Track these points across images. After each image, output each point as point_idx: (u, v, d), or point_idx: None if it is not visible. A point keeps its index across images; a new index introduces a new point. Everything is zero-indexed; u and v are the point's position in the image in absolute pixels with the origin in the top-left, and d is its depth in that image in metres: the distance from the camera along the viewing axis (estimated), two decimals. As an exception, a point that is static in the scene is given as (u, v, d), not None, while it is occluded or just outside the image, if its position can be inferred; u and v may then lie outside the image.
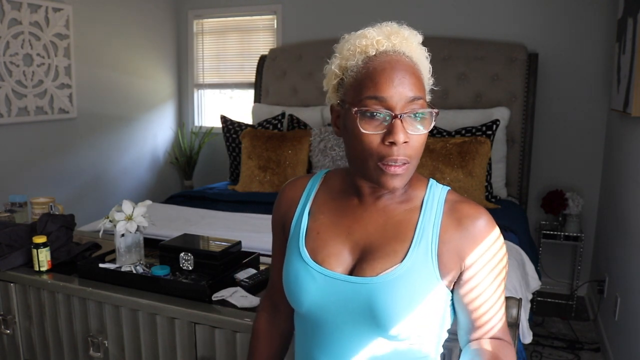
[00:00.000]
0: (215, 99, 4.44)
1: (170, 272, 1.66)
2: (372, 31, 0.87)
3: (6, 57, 2.95)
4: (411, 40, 0.88)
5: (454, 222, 0.89)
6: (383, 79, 0.83)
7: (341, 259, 0.91)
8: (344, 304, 0.88)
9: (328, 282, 0.90)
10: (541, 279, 2.58)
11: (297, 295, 0.92)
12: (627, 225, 2.49)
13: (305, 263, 0.92)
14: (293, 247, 0.96)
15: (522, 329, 1.90)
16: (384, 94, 0.82)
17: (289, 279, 0.94)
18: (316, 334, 0.93)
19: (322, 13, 3.86)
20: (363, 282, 0.87)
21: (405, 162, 0.84)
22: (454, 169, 2.85)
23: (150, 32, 4.07)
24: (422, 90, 0.86)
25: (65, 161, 3.41)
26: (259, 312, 1.13)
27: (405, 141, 0.83)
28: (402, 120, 0.82)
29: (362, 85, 0.84)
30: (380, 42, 0.86)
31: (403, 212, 0.92)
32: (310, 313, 0.92)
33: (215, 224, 2.53)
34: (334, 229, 0.94)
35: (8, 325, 1.77)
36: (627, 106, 2.41)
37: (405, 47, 0.87)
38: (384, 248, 0.89)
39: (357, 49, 0.87)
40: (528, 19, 3.38)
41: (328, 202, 0.97)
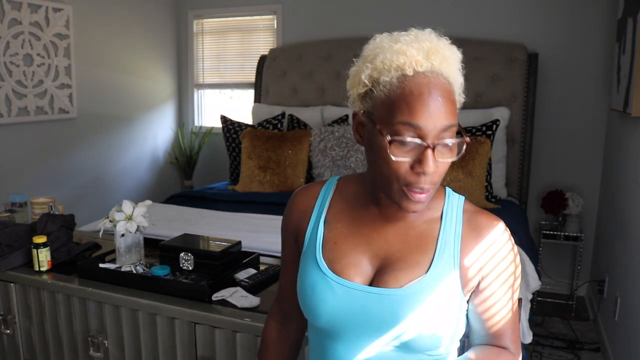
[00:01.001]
0: (215, 99, 4.44)
1: (170, 272, 1.66)
2: (411, 48, 0.80)
3: (6, 57, 2.95)
4: (452, 60, 0.83)
5: (473, 233, 0.89)
6: (419, 105, 0.77)
7: (360, 269, 0.89)
8: (365, 315, 0.86)
9: (348, 292, 0.87)
10: (541, 279, 2.58)
11: (314, 307, 0.89)
12: (627, 225, 2.49)
13: (323, 274, 0.89)
14: (309, 258, 0.93)
15: (522, 329, 1.90)
16: (419, 122, 0.77)
17: (305, 290, 0.91)
18: (333, 346, 0.91)
19: (322, 13, 3.86)
20: (387, 293, 0.86)
21: (430, 189, 0.82)
22: (454, 169, 2.85)
23: (150, 32, 4.07)
24: (456, 115, 0.81)
25: (65, 161, 3.41)
26: (268, 321, 1.10)
27: (434, 170, 0.80)
28: (437, 150, 0.79)
29: (396, 107, 0.79)
30: (419, 63, 0.79)
31: (423, 222, 0.91)
32: (328, 325, 0.89)
33: (215, 224, 2.53)
34: (352, 239, 0.91)
35: (8, 325, 1.77)
36: (627, 106, 2.41)
37: (444, 68, 0.81)
38: (407, 259, 0.88)
39: (392, 65, 0.80)
40: (528, 19, 3.38)
41: (344, 210, 0.94)
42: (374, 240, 0.90)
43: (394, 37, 0.83)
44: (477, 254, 0.88)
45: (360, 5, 3.72)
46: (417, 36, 0.82)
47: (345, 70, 0.90)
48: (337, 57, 3.64)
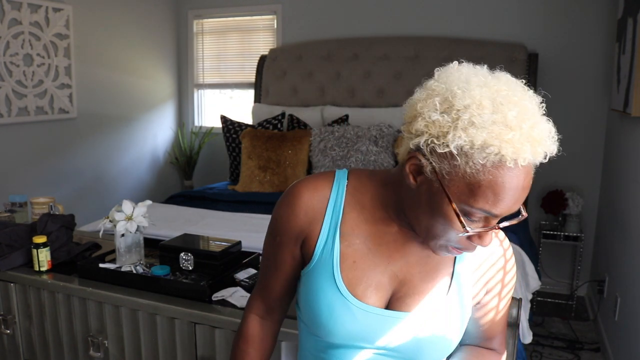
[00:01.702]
0: (215, 99, 4.44)
1: (170, 272, 1.66)
2: (518, 134, 0.70)
3: (6, 57, 2.95)
4: (548, 142, 0.76)
5: (482, 254, 0.91)
6: (507, 198, 0.72)
7: (379, 291, 0.86)
8: (382, 337, 0.86)
9: (367, 316, 0.85)
10: (541, 279, 2.58)
11: (329, 326, 0.86)
12: (627, 225, 2.49)
13: (343, 296, 0.85)
14: (324, 275, 0.87)
15: (522, 329, 1.90)
16: (497, 211, 0.73)
17: (321, 310, 0.86)
18: (337, 355, 0.90)
19: (322, 13, 3.86)
20: (406, 317, 0.87)
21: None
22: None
23: (150, 32, 4.07)
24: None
25: (65, 161, 3.41)
26: (249, 315, 1.04)
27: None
28: (498, 228, 0.77)
29: (481, 193, 0.71)
30: (525, 159, 0.71)
31: None
32: (340, 341, 0.87)
33: (215, 224, 2.53)
34: (373, 258, 0.87)
35: (8, 325, 1.77)
36: (627, 106, 2.41)
37: (539, 158, 0.74)
38: (427, 282, 0.87)
39: (494, 151, 0.70)
40: (528, 19, 3.38)
41: (361, 223, 0.88)
42: (395, 261, 0.87)
43: (492, 96, 0.72)
44: (488, 272, 0.92)
45: (360, 5, 3.72)
46: (520, 108, 0.72)
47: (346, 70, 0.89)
48: (337, 57, 3.64)
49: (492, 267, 0.92)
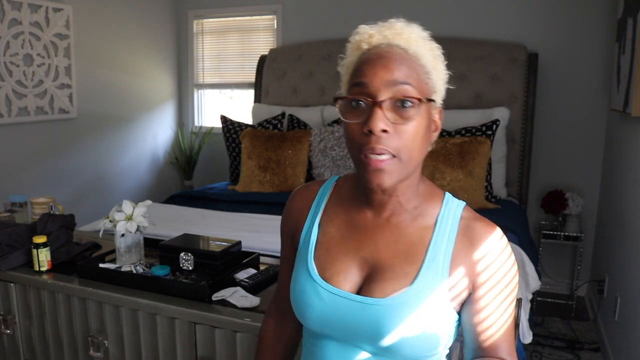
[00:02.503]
0: (215, 99, 4.44)
1: (170, 272, 1.66)
2: (365, 26, 0.86)
3: (6, 57, 2.95)
4: (406, 33, 0.83)
5: (466, 242, 0.85)
6: (369, 67, 0.80)
7: (349, 276, 0.88)
8: (350, 323, 0.86)
9: (334, 299, 0.86)
10: (541, 279, 2.58)
11: (302, 309, 0.90)
12: (627, 225, 2.49)
13: (312, 279, 0.89)
14: (301, 261, 0.92)
15: (522, 329, 1.90)
16: (366, 79, 0.79)
17: (296, 293, 0.91)
18: (320, 348, 0.91)
19: (322, 13, 3.86)
20: (371, 302, 0.84)
21: (387, 153, 0.78)
22: (454, 169, 2.85)
23: (150, 32, 4.07)
24: (414, 78, 0.80)
25: (65, 161, 3.41)
26: (266, 318, 1.11)
27: (384, 129, 0.77)
28: (383, 107, 0.77)
29: (351, 77, 0.83)
30: (372, 36, 0.83)
31: (416, 230, 0.88)
32: (316, 328, 0.90)
33: (215, 224, 2.54)
34: (344, 244, 0.90)
35: (8, 325, 1.77)
36: (627, 106, 2.41)
37: (399, 40, 0.82)
38: (395, 268, 0.86)
39: (353, 46, 0.86)
40: (528, 19, 3.38)
41: (339, 213, 0.93)
42: (365, 246, 0.88)
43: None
44: (469, 265, 0.85)
45: (360, 5, 3.72)
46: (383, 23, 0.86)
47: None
48: (337, 57, 3.63)
49: (479, 262, 0.85)
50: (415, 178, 0.87)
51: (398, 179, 0.82)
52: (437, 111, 0.87)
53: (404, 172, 0.82)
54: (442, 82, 0.87)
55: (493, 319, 0.86)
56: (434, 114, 0.86)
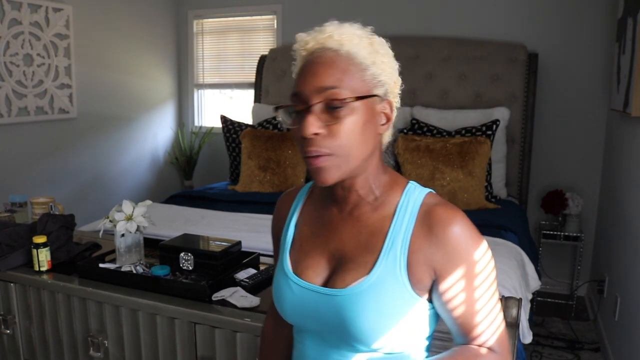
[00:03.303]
0: (215, 99, 4.44)
1: (170, 272, 1.66)
2: (302, 34, 0.89)
3: (6, 57, 2.95)
4: (337, 34, 0.85)
5: (425, 229, 0.85)
6: (301, 76, 0.85)
7: (318, 270, 0.91)
8: (317, 315, 0.89)
9: (303, 293, 0.90)
10: (541, 279, 2.58)
11: (279, 303, 0.94)
12: (627, 225, 2.49)
13: (286, 274, 0.93)
14: (280, 258, 0.98)
15: (522, 329, 1.90)
16: (298, 88, 0.84)
17: (274, 288, 0.97)
18: (301, 343, 0.95)
19: (322, 13, 3.86)
20: (332, 293, 0.87)
21: (323, 154, 0.82)
22: (454, 169, 2.85)
23: (150, 32, 4.07)
24: (345, 79, 0.82)
25: (65, 161, 3.41)
26: (267, 318, 1.14)
27: (315, 133, 0.81)
28: (313, 112, 0.81)
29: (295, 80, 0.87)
30: (307, 42, 0.87)
31: (376, 220, 0.89)
32: (292, 321, 0.94)
33: (215, 224, 2.54)
34: (314, 240, 0.94)
35: (8, 325, 1.77)
36: (627, 106, 2.41)
37: (331, 43, 0.84)
38: (356, 259, 0.88)
39: (296, 55, 0.90)
40: (528, 19, 3.38)
41: (311, 212, 0.98)
42: (331, 241, 0.92)
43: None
44: (429, 251, 0.84)
45: (360, 5, 3.72)
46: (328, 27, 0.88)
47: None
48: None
49: (438, 248, 0.83)
50: (372, 171, 0.89)
51: (342, 175, 0.85)
52: (386, 103, 0.87)
53: (345, 168, 0.84)
54: (387, 75, 0.87)
55: (467, 308, 0.86)
56: (380, 108, 0.87)
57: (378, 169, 0.90)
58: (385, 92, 0.87)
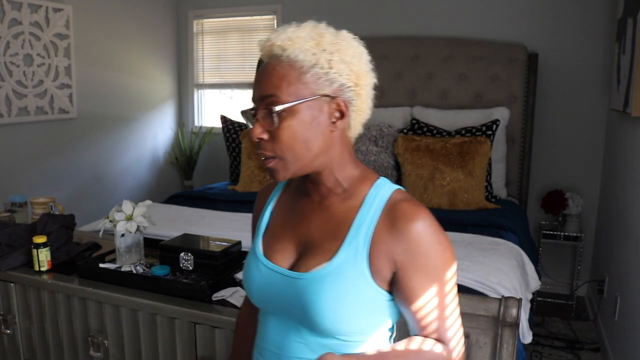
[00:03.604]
0: (215, 99, 4.44)
1: (170, 272, 1.66)
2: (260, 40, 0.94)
3: (6, 57, 2.95)
4: (281, 39, 0.88)
5: (388, 222, 0.88)
6: (254, 82, 0.92)
7: (286, 254, 0.96)
8: (280, 297, 0.93)
9: (270, 274, 0.95)
10: (541, 279, 2.58)
11: (247, 283, 0.99)
12: (627, 225, 2.49)
13: (256, 256, 0.98)
14: (253, 243, 1.03)
15: (522, 329, 1.90)
16: (252, 97, 0.91)
17: (244, 270, 1.01)
18: (264, 325, 0.99)
19: (321, 13, 3.85)
20: (295, 276, 0.91)
21: (270, 156, 0.89)
22: (454, 169, 2.85)
23: (150, 32, 4.07)
24: (280, 87, 0.86)
25: (65, 161, 3.41)
26: (242, 304, 1.18)
27: (260, 137, 0.88)
28: (258, 118, 0.88)
29: None
30: (263, 49, 0.92)
31: (344, 210, 0.93)
32: (258, 302, 0.99)
33: (215, 224, 2.54)
34: (286, 227, 0.99)
35: (8, 325, 1.77)
36: (627, 106, 2.41)
37: (276, 49, 0.89)
38: (320, 245, 0.92)
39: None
40: (528, 19, 3.38)
41: (286, 202, 1.03)
42: (301, 228, 0.96)
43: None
44: (389, 244, 0.87)
45: (360, 5, 3.72)
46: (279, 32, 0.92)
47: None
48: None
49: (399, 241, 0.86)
50: (336, 166, 0.93)
51: (294, 173, 0.91)
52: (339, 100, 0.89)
53: (295, 168, 0.90)
54: (340, 70, 0.89)
55: (422, 302, 0.89)
56: (331, 105, 0.89)
57: (343, 163, 0.93)
58: (338, 89, 0.89)
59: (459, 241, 2.26)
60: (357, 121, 0.94)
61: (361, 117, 0.95)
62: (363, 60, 0.93)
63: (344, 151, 0.93)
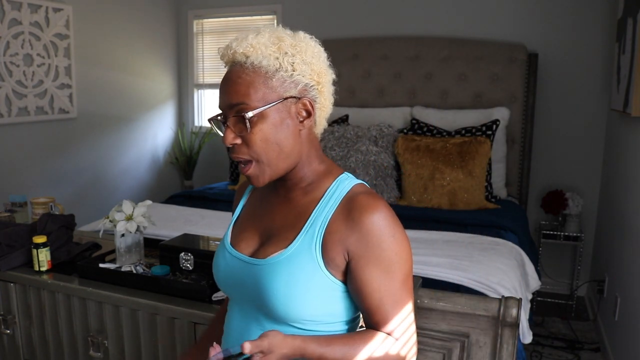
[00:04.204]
0: (215, 99, 4.43)
1: (170, 272, 1.66)
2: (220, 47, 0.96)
3: (6, 57, 2.95)
4: (243, 46, 0.90)
5: (344, 212, 0.90)
6: (219, 90, 0.94)
7: (250, 242, 1.00)
8: (241, 284, 0.96)
9: (233, 261, 0.99)
10: (541, 279, 2.58)
11: (215, 272, 1.03)
12: (627, 225, 2.49)
13: (224, 244, 1.03)
14: (224, 233, 1.07)
15: (522, 329, 1.90)
16: (219, 105, 0.94)
17: (214, 258, 1.05)
18: (231, 308, 1.03)
19: (321, 13, 3.86)
20: (254, 262, 0.95)
21: (244, 160, 0.92)
22: (454, 169, 2.85)
23: (150, 32, 4.07)
24: (248, 94, 0.89)
25: (65, 161, 3.41)
26: (223, 302, 1.20)
27: (232, 143, 0.91)
28: (229, 125, 0.91)
29: None
30: (223, 57, 0.94)
31: (305, 202, 0.96)
32: (223, 289, 1.03)
33: (215, 224, 2.54)
34: (252, 218, 1.04)
35: (8, 325, 1.77)
36: (627, 106, 2.41)
37: (239, 56, 0.91)
38: (280, 234, 0.95)
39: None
40: (528, 19, 3.38)
41: (257, 196, 1.07)
42: (265, 219, 1.01)
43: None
44: (343, 234, 0.89)
45: (360, 5, 3.72)
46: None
47: (345, 70, 0.91)
48: (337, 57, 3.62)
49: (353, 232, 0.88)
50: (303, 162, 0.96)
51: (272, 176, 0.94)
52: (305, 100, 0.92)
53: (271, 171, 0.93)
54: (302, 72, 0.91)
55: (371, 291, 0.90)
56: (297, 106, 0.92)
57: (310, 160, 0.97)
58: (303, 89, 0.92)
59: (459, 241, 2.26)
60: (321, 117, 0.98)
61: (325, 113, 0.99)
62: (322, 59, 0.96)
63: (311, 148, 0.97)
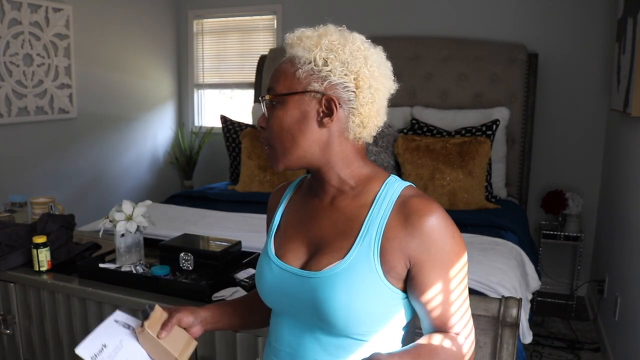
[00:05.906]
0: (215, 99, 4.44)
1: (170, 272, 1.66)
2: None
3: (6, 57, 2.95)
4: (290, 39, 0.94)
5: (400, 218, 0.88)
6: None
7: (298, 254, 0.96)
8: (293, 296, 0.93)
9: (282, 274, 0.95)
10: (541, 279, 2.58)
11: (259, 283, 1.00)
12: (627, 225, 2.49)
13: (268, 256, 0.99)
14: (265, 243, 1.04)
15: (522, 329, 1.90)
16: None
17: (257, 270, 1.02)
18: (278, 325, 0.99)
19: (322, 13, 3.86)
20: (308, 275, 0.91)
21: (265, 144, 0.95)
22: (454, 169, 2.85)
23: (150, 32, 4.07)
24: (279, 81, 0.92)
25: (65, 161, 3.41)
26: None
27: (260, 125, 0.95)
28: (264, 107, 0.95)
29: None
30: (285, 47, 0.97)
31: (355, 208, 0.93)
32: (269, 302, 0.99)
33: (215, 224, 2.53)
34: (297, 227, 1.00)
35: (8, 325, 1.77)
36: (627, 106, 2.41)
37: (287, 48, 0.95)
38: (332, 244, 0.92)
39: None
40: (528, 19, 3.38)
41: (297, 203, 1.04)
42: (311, 227, 0.97)
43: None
44: (402, 240, 0.87)
45: (360, 5, 3.72)
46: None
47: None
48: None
49: (413, 237, 0.86)
50: (339, 165, 0.94)
51: (286, 164, 0.94)
52: (326, 97, 0.90)
53: (285, 159, 0.93)
54: (336, 68, 0.90)
55: (434, 294, 0.89)
56: (318, 102, 0.90)
57: (346, 162, 0.94)
58: (331, 87, 0.89)
59: (459, 241, 2.26)
60: (356, 123, 0.91)
61: (360, 120, 0.91)
62: (368, 63, 0.92)
63: (345, 150, 0.93)
